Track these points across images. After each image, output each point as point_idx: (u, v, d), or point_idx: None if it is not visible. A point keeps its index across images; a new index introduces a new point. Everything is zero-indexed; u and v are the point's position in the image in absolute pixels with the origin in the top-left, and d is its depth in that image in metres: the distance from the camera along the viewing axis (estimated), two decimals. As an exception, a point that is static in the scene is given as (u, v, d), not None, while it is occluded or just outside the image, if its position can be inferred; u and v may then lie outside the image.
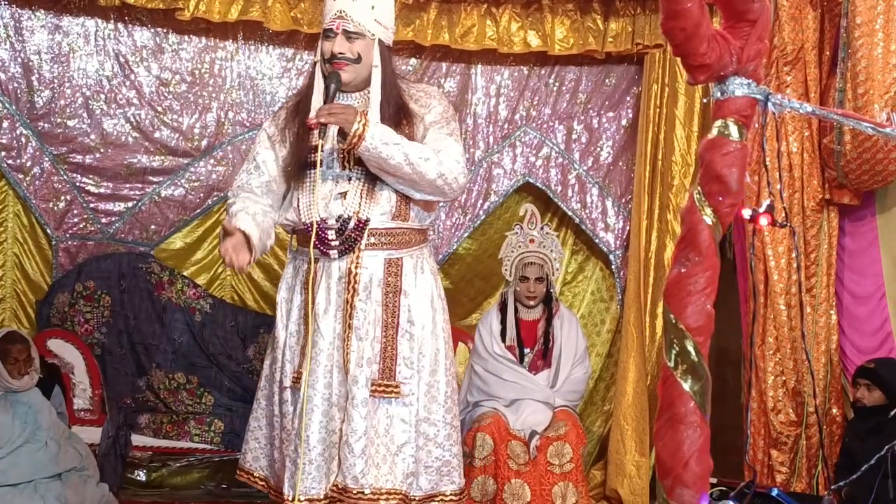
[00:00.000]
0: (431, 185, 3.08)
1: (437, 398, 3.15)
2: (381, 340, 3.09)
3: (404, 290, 3.13)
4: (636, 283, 5.31)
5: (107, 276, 5.39)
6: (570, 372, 4.66)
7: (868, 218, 4.91)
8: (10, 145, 5.38)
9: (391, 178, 3.09)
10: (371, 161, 3.03)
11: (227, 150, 5.62)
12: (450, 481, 3.17)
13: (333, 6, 3.13)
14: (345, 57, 3.10)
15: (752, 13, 2.11)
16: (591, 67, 5.70)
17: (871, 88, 4.44)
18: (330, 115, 2.98)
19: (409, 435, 3.10)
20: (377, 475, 3.01)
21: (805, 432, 4.85)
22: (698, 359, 2.09)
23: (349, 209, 3.09)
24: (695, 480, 2.07)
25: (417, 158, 3.03)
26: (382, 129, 3.02)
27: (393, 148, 3.00)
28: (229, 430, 5.05)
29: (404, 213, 3.15)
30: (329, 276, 3.10)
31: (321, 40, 3.16)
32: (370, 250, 3.11)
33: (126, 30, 5.50)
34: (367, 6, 3.13)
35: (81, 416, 5.04)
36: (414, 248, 3.20)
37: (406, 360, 3.10)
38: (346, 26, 3.10)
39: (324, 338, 3.06)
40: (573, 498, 4.35)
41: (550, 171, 5.69)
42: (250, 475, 3.28)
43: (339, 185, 3.12)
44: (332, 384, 3.05)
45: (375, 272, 3.11)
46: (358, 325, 3.07)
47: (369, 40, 3.13)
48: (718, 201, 2.11)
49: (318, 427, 3.02)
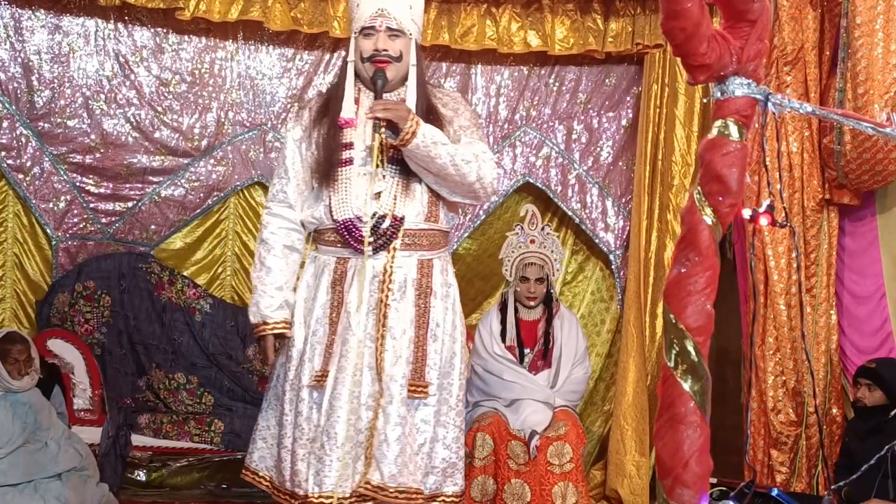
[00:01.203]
0: (469, 188, 3.11)
1: (449, 400, 3.17)
2: (413, 340, 3.10)
3: (434, 290, 3.16)
4: (636, 283, 5.31)
5: (107, 276, 5.39)
6: (570, 372, 4.66)
7: (868, 218, 4.91)
8: (10, 145, 5.38)
9: (431, 178, 3.11)
10: (418, 159, 3.04)
11: (227, 150, 5.62)
12: (452, 483, 3.18)
13: (373, 4, 3.12)
14: (388, 54, 3.10)
15: (752, 13, 2.11)
16: (591, 67, 5.70)
17: (871, 88, 4.44)
18: (385, 111, 2.98)
19: (428, 436, 3.13)
20: (407, 474, 3.04)
21: (805, 432, 4.85)
22: (698, 359, 2.09)
23: (384, 207, 3.10)
24: (695, 480, 2.07)
25: (461, 160, 3.05)
26: (432, 129, 3.05)
27: (441, 148, 3.02)
28: (229, 430, 5.05)
29: (435, 214, 3.18)
30: (362, 275, 3.09)
31: (358, 39, 3.13)
32: (404, 250, 3.12)
33: (126, 30, 5.50)
34: (406, 5, 3.14)
35: (81, 416, 5.04)
36: (441, 251, 3.23)
37: (431, 361, 3.13)
38: (388, 24, 3.10)
39: (355, 336, 3.06)
40: (573, 498, 4.35)
41: (550, 171, 5.69)
42: (255, 475, 3.27)
43: (376, 183, 3.11)
44: (362, 383, 3.05)
45: (409, 272, 3.13)
46: (393, 324, 3.07)
47: (407, 39, 3.13)
48: (718, 201, 2.11)
49: (346, 425, 3.02)
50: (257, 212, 5.70)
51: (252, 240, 5.69)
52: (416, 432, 3.09)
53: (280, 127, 5.63)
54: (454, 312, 3.21)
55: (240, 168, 5.62)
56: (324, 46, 5.63)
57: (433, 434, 3.13)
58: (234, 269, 5.72)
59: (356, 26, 3.14)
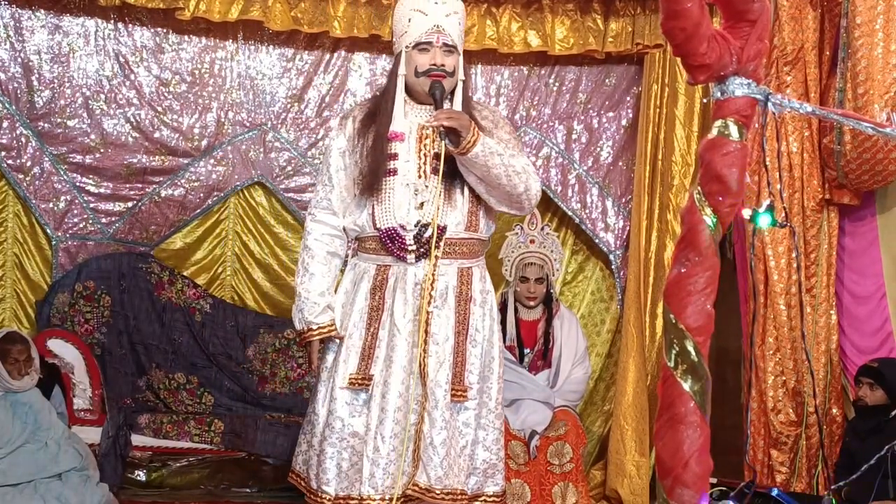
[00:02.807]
0: (516, 199, 3.21)
1: (489, 404, 3.27)
2: (453, 346, 3.19)
3: (473, 297, 3.26)
4: (636, 283, 5.31)
5: (107, 276, 5.39)
6: (570, 372, 4.66)
7: (868, 218, 4.91)
8: (10, 145, 5.38)
9: (483, 187, 3.19)
10: (475, 167, 3.13)
11: (227, 150, 5.62)
12: (493, 483, 3.28)
13: (428, 21, 3.20)
14: (444, 69, 3.19)
15: (752, 13, 2.11)
16: (591, 67, 5.70)
17: (871, 88, 4.44)
18: (450, 119, 3.07)
19: (469, 438, 3.22)
20: (452, 476, 3.14)
21: (805, 432, 4.85)
22: (698, 359, 2.09)
23: (427, 216, 3.19)
24: (695, 480, 2.07)
25: (513, 172, 3.16)
26: (489, 139, 3.15)
27: (497, 158, 3.12)
28: (229, 430, 5.05)
29: (475, 223, 3.27)
30: (404, 282, 3.20)
31: (411, 52, 3.21)
32: (446, 259, 3.22)
33: (126, 30, 5.50)
34: (457, 22, 3.25)
35: (81, 416, 5.04)
36: (480, 259, 3.35)
37: (471, 365, 3.22)
38: (445, 40, 3.20)
39: (404, 340, 3.16)
40: (573, 498, 4.35)
41: (550, 171, 5.69)
42: (298, 477, 3.35)
43: (420, 193, 3.21)
44: (409, 387, 3.14)
45: (450, 280, 3.23)
46: (435, 330, 3.17)
47: (457, 55, 3.24)
48: (718, 201, 2.11)
49: (396, 427, 3.12)
50: (257, 212, 5.71)
51: (252, 240, 5.70)
52: (458, 435, 3.19)
53: (280, 127, 5.64)
54: (492, 318, 3.33)
55: (240, 168, 5.62)
56: (324, 46, 5.63)
57: (474, 436, 3.24)
58: (234, 269, 5.72)
59: (408, 41, 3.23)
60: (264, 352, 5.53)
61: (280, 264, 5.68)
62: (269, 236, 5.69)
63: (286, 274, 5.60)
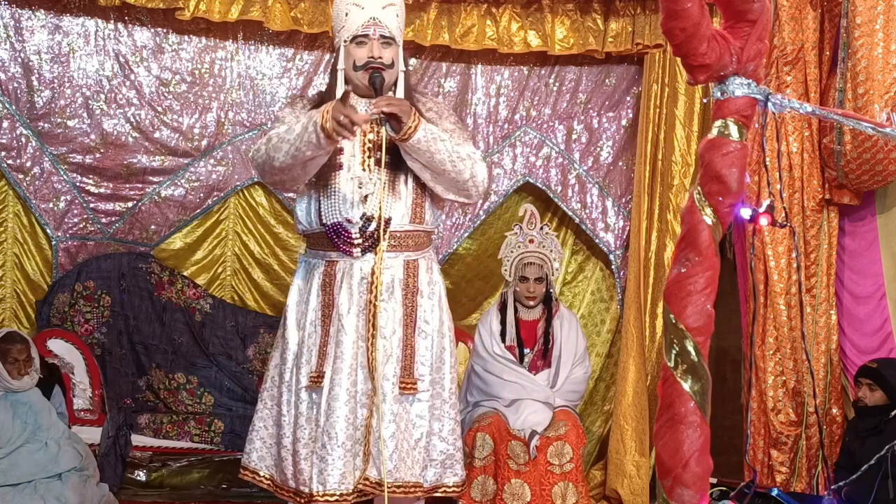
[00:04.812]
0: (463, 185, 3.19)
1: (442, 394, 3.26)
2: (401, 339, 3.19)
3: (420, 290, 3.24)
4: (636, 283, 5.31)
5: (107, 276, 5.40)
6: (570, 372, 4.66)
7: (868, 218, 4.91)
8: (10, 145, 5.38)
9: (428, 174, 3.17)
10: (418, 154, 3.10)
11: (227, 150, 5.62)
12: (452, 474, 3.27)
13: (364, 14, 3.19)
14: (382, 62, 3.18)
15: (752, 13, 2.11)
16: (591, 67, 5.70)
17: (871, 88, 4.44)
18: (390, 105, 3.06)
19: (424, 430, 3.21)
20: (404, 469, 3.12)
21: (805, 432, 4.85)
22: (698, 359, 2.09)
23: (371, 209, 3.17)
24: (695, 480, 2.07)
25: (457, 157, 3.14)
26: (431, 125, 3.13)
27: (440, 143, 3.10)
28: (229, 430, 5.05)
29: (420, 215, 3.25)
30: (350, 276, 3.18)
31: (349, 47, 3.20)
32: (391, 252, 3.20)
33: (126, 30, 5.50)
34: (394, 14, 3.24)
35: (81, 416, 5.04)
36: (426, 250, 3.32)
37: (421, 357, 3.21)
38: (382, 32, 3.19)
39: (349, 336, 3.14)
40: (573, 498, 4.35)
41: (550, 171, 5.69)
42: (255, 474, 3.33)
43: (364, 186, 3.18)
44: (357, 382, 3.13)
45: (396, 273, 3.21)
46: (382, 324, 3.16)
47: (396, 46, 3.23)
48: (718, 201, 2.11)
49: (345, 424, 3.10)
50: (257, 212, 5.71)
51: (252, 240, 5.70)
52: (412, 427, 3.18)
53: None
54: (441, 309, 3.31)
55: (240, 168, 5.62)
56: (324, 46, 5.63)
57: (429, 428, 3.23)
58: (234, 269, 5.72)
59: (346, 35, 3.21)
60: (264, 352, 5.53)
61: (280, 264, 5.68)
62: (269, 236, 5.70)
63: (286, 274, 5.60)
